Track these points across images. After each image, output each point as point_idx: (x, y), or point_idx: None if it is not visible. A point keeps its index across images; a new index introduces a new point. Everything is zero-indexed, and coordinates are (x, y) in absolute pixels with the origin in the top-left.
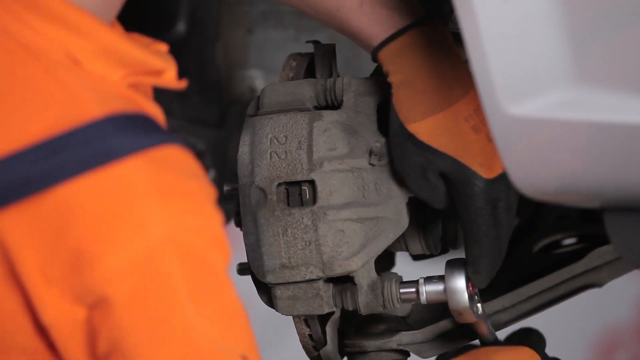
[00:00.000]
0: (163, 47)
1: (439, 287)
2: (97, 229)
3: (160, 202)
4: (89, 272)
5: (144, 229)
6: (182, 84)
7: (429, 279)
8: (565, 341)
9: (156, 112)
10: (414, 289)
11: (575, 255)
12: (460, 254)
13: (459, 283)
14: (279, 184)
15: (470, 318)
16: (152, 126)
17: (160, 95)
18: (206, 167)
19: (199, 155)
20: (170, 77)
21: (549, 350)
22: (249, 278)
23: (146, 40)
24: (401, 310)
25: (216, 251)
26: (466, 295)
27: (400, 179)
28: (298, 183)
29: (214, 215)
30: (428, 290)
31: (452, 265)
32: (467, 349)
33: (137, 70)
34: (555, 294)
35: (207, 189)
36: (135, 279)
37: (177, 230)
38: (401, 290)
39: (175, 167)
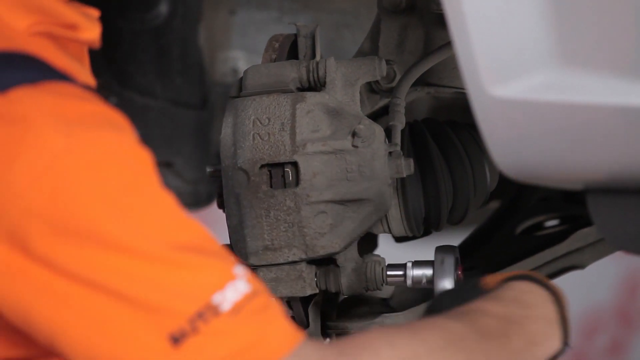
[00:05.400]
0: (93, 12)
1: (427, 271)
2: None
3: (53, 119)
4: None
5: (43, 145)
6: (96, 44)
7: (417, 263)
8: None
9: (66, 62)
10: (401, 272)
11: (557, 237)
12: (443, 236)
13: (448, 269)
14: (262, 166)
15: None
16: (44, 66)
17: (142, 77)
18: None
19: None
20: (87, 35)
21: None
22: None
23: (76, 3)
24: (384, 292)
25: (136, 164)
26: (454, 282)
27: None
28: (281, 165)
29: (125, 133)
30: (416, 274)
31: (442, 252)
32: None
33: (46, 20)
34: None
35: (113, 113)
36: (44, 193)
37: (76, 142)
38: (388, 273)
39: (67, 95)
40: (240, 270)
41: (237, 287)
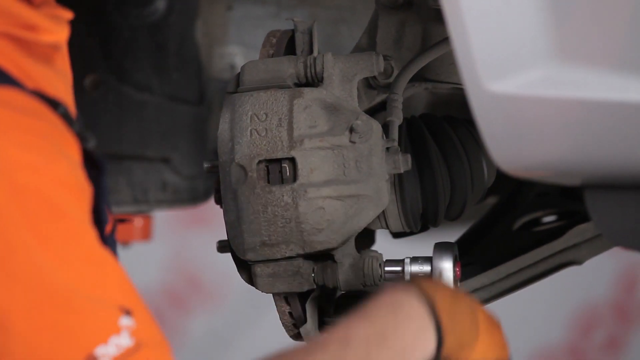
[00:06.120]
0: (64, 13)
1: (425, 268)
2: None
3: None
4: None
5: None
6: (61, 46)
7: (415, 259)
8: (544, 318)
9: (24, 66)
10: (399, 268)
11: (555, 233)
12: (440, 232)
13: (447, 266)
14: (260, 162)
15: None
16: None
17: (139, 72)
18: (80, 133)
19: (64, 117)
20: (48, 37)
21: (528, 327)
22: (229, 256)
23: (50, 3)
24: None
25: (61, 192)
26: (452, 279)
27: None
28: (278, 160)
29: (57, 157)
30: (413, 270)
31: (440, 248)
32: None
33: (4, 21)
34: (534, 271)
35: (53, 131)
36: None
37: (6, 163)
38: (386, 269)
39: (11, 105)
40: (126, 322)
41: (120, 341)
